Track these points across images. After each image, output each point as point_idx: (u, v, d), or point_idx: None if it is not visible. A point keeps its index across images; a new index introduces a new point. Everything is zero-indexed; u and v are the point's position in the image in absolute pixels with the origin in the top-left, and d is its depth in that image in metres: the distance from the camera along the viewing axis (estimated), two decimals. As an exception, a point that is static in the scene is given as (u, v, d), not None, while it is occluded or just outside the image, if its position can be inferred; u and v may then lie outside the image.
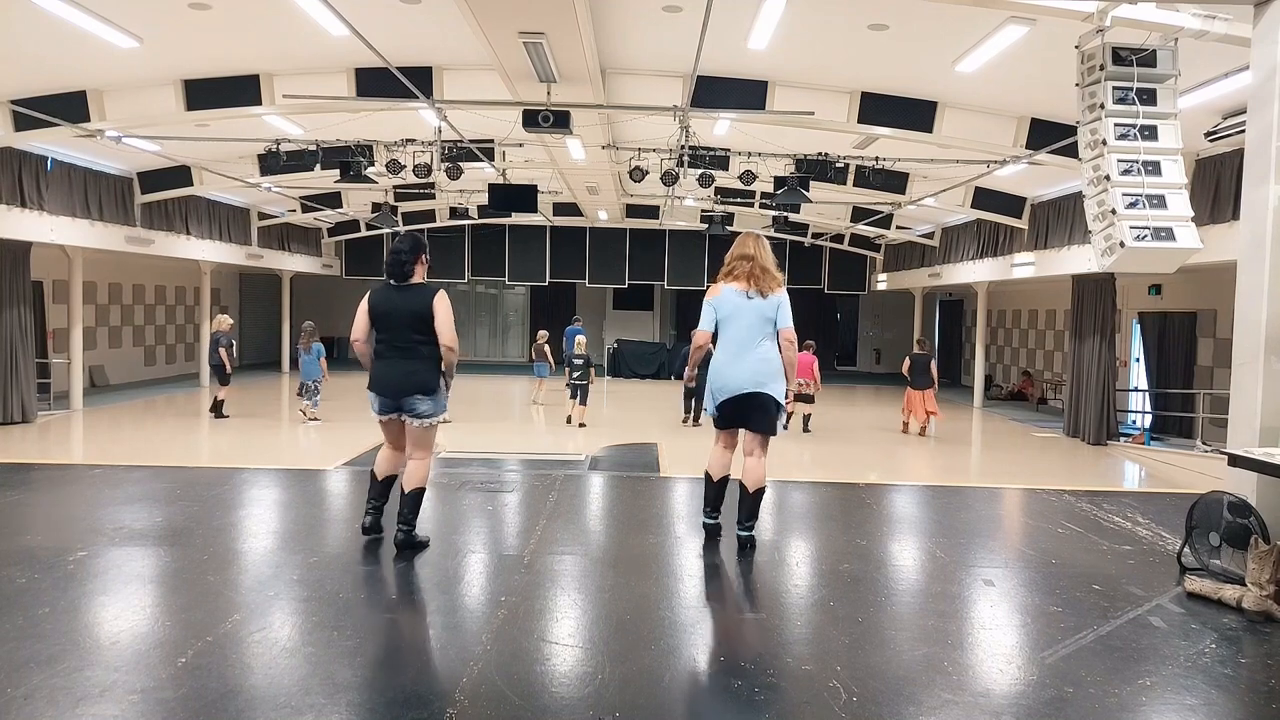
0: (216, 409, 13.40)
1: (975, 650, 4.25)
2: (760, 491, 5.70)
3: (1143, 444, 13.93)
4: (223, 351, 13.54)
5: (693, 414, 13.88)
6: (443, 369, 5.54)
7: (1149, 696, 3.74)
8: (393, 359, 5.52)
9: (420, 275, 5.62)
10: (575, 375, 13.54)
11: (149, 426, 13.14)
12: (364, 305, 5.64)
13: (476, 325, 29.02)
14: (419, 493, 5.60)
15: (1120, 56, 5.91)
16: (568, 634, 4.34)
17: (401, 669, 3.88)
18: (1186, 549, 5.56)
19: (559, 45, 8.12)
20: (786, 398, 5.69)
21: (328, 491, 7.87)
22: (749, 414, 5.65)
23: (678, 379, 14.16)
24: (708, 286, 6.35)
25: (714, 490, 5.91)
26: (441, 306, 5.46)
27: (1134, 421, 16.00)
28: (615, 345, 24.72)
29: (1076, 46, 6.19)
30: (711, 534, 5.94)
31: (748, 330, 5.60)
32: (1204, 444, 12.68)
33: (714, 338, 5.83)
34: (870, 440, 13.25)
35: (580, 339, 13.95)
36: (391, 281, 5.58)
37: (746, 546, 5.72)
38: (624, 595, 4.88)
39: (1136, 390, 16.65)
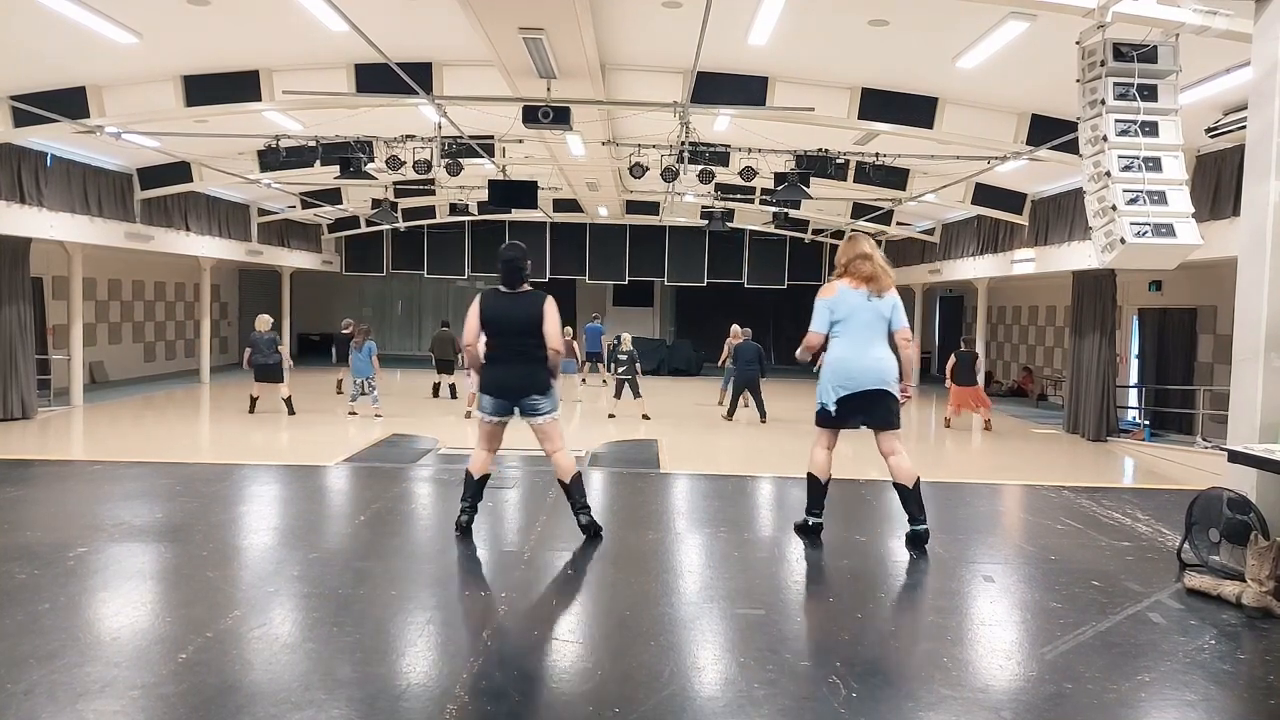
0: (287, 405, 13.75)
1: (974, 646, 4.25)
2: (919, 483, 5.87)
3: (1142, 440, 13.94)
4: (282, 349, 13.98)
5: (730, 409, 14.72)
6: (549, 368, 5.81)
7: (1148, 692, 3.74)
8: (510, 362, 5.75)
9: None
10: (621, 370, 14.06)
11: (149, 422, 13.14)
12: (475, 309, 5.85)
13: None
14: (579, 477, 5.87)
15: (1121, 52, 5.89)
16: (568, 630, 4.35)
17: (401, 665, 3.89)
18: (1186, 545, 5.56)
19: (559, 41, 8.11)
20: (904, 395, 5.88)
21: (328, 488, 7.87)
22: (872, 411, 5.79)
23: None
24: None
25: (822, 493, 6.04)
26: (551, 312, 5.75)
27: (1133, 418, 16.00)
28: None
29: (1077, 42, 6.17)
30: (817, 533, 6.05)
31: (868, 329, 5.71)
32: (1204, 440, 12.68)
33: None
34: (870, 437, 13.23)
35: (625, 336, 14.53)
36: (503, 288, 5.87)
37: (924, 539, 5.82)
38: (624, 591, 4.88)
39: (1134, 387, 16.65)
